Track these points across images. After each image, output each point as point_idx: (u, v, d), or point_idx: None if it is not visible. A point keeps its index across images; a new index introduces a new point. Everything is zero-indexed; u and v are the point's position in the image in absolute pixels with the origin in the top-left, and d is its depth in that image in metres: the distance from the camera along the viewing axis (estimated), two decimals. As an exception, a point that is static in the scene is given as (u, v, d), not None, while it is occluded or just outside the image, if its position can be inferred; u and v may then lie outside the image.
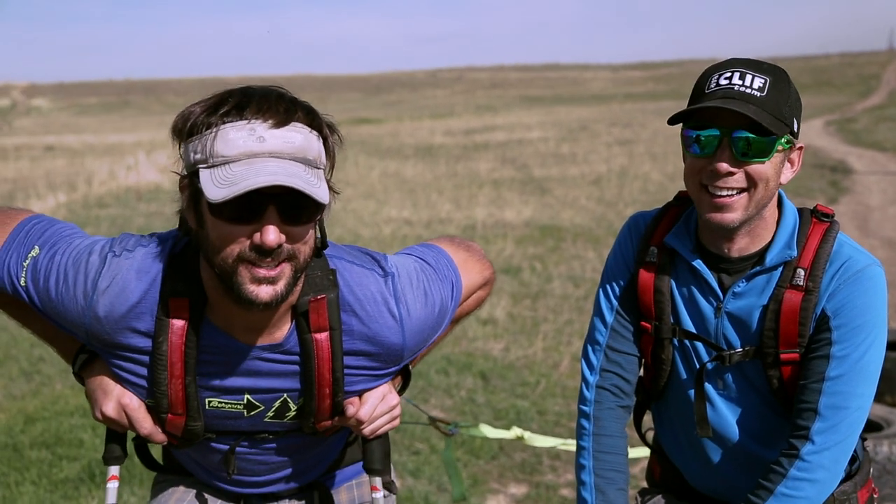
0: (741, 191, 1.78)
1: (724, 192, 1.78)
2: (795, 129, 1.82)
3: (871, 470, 2.05)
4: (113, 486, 1.86)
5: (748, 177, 1.77)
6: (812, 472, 1.79)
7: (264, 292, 1.55)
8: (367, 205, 13.63)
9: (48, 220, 1.79)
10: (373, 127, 34.38)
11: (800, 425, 1.82)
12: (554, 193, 14.39)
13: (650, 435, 2.22)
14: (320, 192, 1.52)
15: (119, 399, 1.73)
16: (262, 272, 1.54)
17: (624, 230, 2.06)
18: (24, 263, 1.69)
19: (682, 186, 2.00)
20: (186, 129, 1.55)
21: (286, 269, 1.57)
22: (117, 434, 1.87)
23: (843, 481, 1.90)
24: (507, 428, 3.22)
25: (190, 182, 1.57)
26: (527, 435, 3.11)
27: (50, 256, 1.68)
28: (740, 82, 1.76)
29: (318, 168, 1.57)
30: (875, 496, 2.03)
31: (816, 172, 15.73)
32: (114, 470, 1.87)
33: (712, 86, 1.78)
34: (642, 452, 2.54)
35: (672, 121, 1.82)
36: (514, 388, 5.59)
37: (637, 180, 15.36)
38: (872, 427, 4.19)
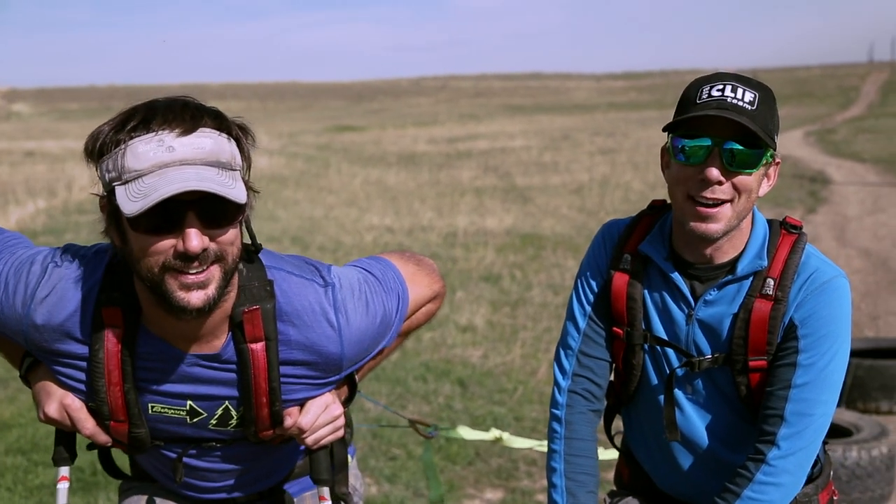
0: (725, 202, 1.82)
1: (710, 202, 1.81)
2: (776, 145, 1.87)
3: (832, 473, 2.10)
4: (63, 486, 1.88)
5: (734, 188, 1.81)
6: (777, 476, 1.84)
7: (196, 298, 1.56)
8: (350, 212, 13.63)
9: None
10: (356, 134, 34.39)
11: (766, 431, 1.86)
12: (535, 202, 14.45)
13: (619, 438, 2.26)
14: (235, 193, 1.53)
15: (61, 400, 1.75)
16: (191, 278, 1.56)
17: (598, 237, 2.09)
18: None
19: (661, 196, 2.04)
20: (97, 150, 1.56)
21: (215, 272, 1.58)
22: (65, 435, 1.89)
23: (805, 484, 1.95)
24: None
25: (108, 201, 1.59)
26: (505, 436, 3.15)
27: None
28: (732, 94, 1.80)
29: (234, 169, 1.58)
30: (835, 498, 2.08)
31: (796, 182, 15.88)
32: (63, 471, 1.89)
33: (704, 97, 1.82)
34: (613, 454, 2.58)
35: (668, 128, 1.86)
36: (492, 394, 5.62)
37: (619, 189, 15.45)
38: (842, 433, 4.25)
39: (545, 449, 3.34)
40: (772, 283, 1.86)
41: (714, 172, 1.79)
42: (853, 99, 51.03)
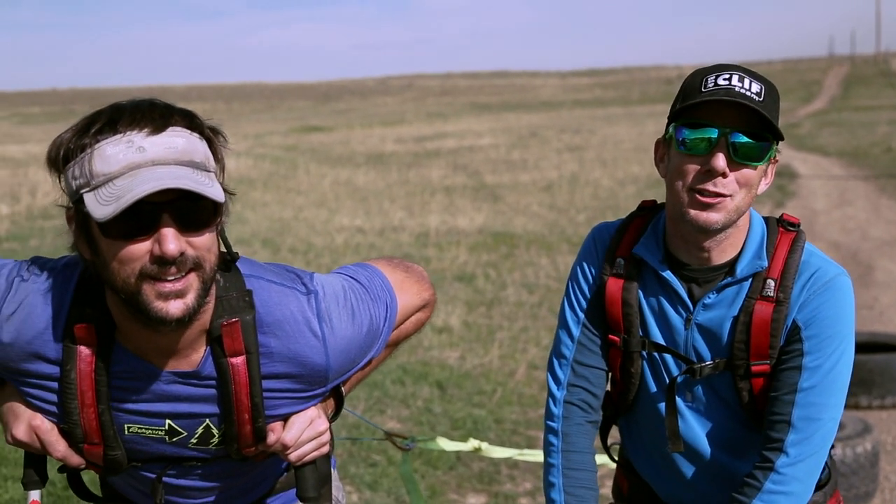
0: (726, 196, 1.75)
1: (712, 195, 1.74)
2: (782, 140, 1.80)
3: (837, 478, 2.05)
4: None
5: (737, 182, 1.74)
6: (787, 484, 1.78)
7: (174, 307, 1.47)
8: (319, 213, 13.52)
9: None
10: (323, 135, 34.18)
11: (773, 437, 1.80)
12: (506, 200, 14.43)
13: (615, 450, 2.20)
14: (214, 192, 1.45)
15: (30, 422, 1.65)
16: (168, 286, 1.46)
17: (588, 241, 2.02)
18: None
19: (631, 193, 1.97)
20: (61, 157, 1.47)
21: (193, 282, 1.49)
22: (35, 458, 1.78)
23: (813, 491, 1.90)
24: (465, 438, 3.18)
25: (76, 211, 1.49)
26: (484, 446, 3.08)
27: None
28: (740, 84, 1.72)
29: (209, 171, 1.50)
30: None
31: (763, 177, 16.02)
32: (34, 495, 1.78)
33: (710, 85, 1.74)
34: (606, 460, 2.52)
35: (673, 116, 1.78)
36: (471, 397, 5.56)
37: (588, 186, 15.47)
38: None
39: (525, 458, 3.28)
40: (772, 284, 1.80)
41: (721, 162, 1.71)
42: (815, 93, 51.77)
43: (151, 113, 1.46)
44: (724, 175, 1.73)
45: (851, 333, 1.81)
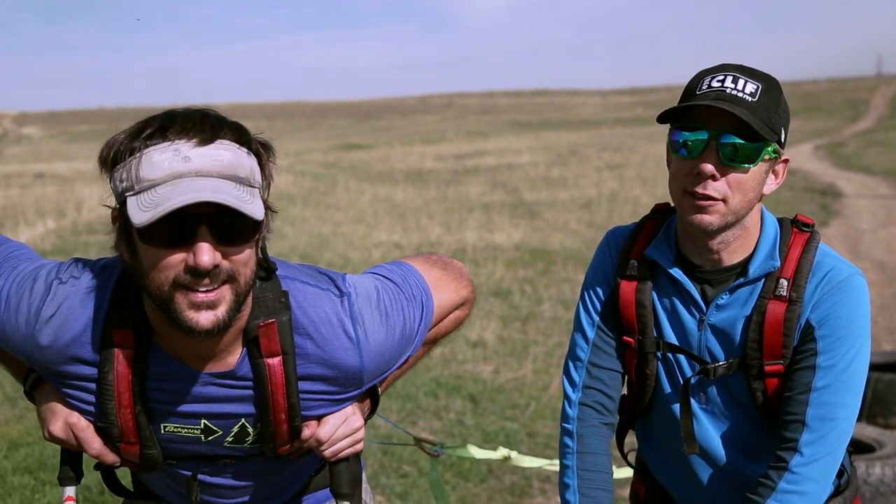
0: (717, 200, 1.75)
1: (702, 197, 1.75)
2: (783, 140, 1.80)
3: (859, 486, 2.02)
4: None
5: (729, 184, 1.75)
6: (802, 484, 1.77)
7: (205, 319, 1.48)
8: (357, 229, 13.61)
9: None
10: (363, 152, 34.45)
11: (787, 437, 1.79)
12: (544, 217, 14.40)
13: (632, 456, 2.19)
14: (253, 209, 1.45)
15: (66, 419, 1.68)
16: (200, 297, 1.47)
17: (602, 245, 2.03)
18: None
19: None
20: (111, 158, 1.50)
21: (226, 294, 1.50)
22: (71, 455, 1.82)
23: (832, 496, 1.88)
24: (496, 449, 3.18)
25: (120, 213, 1.51)
26: (514, 455, 3.08)
27: None
28: (733, 86, 1.73)
29: (252, 186, 1.50)
30: None
31: (807, 196, 15.81)
32: (69, 491, 1.82)
33: (703, 87, 1.76)
34: (627, 472, 2.51)
35: (661, 118, 1.80)
36: (504, 410, 5.55)
37: (627, 204, 15.40)
38: (865, 448, 4.16)
39: (556, 468, 3.27)
40: (785, 283, 1.80)
41: (707, 167, 1.73)
42: (862, 112, 50.94)
43: (202, 124, 1.48)
44: (714, 178, 1.74)
45: (866, 333, 1.80)
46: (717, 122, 1.73)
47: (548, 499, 4.40)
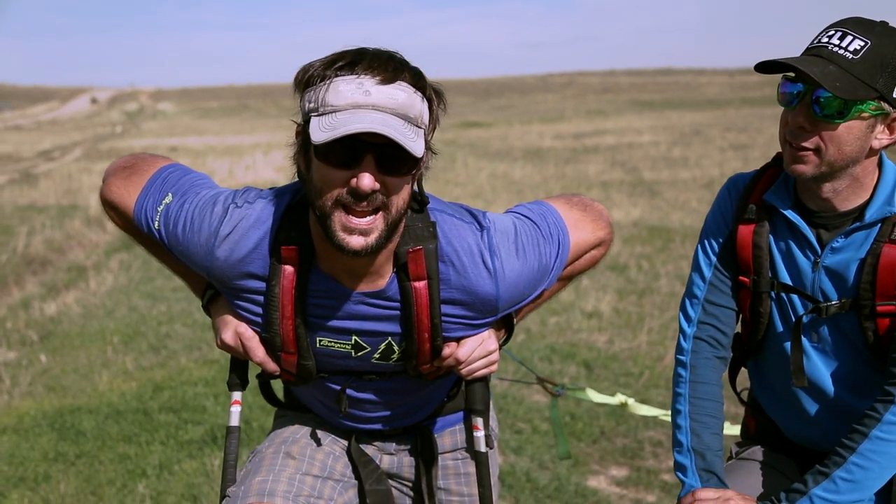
0: (809, 150, 1.84)
1: (796, 147, 1.85)
2: (894, 97, 1.82)
3: None
4: (236, 409, 2.05)
5: (822, 137, 1.83)
6: None
7: (355, 241, 1.67)
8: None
9: (182, 169, 1.98)
10: (482, 130, 34.59)
11: (895, 373, 1.86)
12: (664, 196, 14.24)
13: (745, 394, 2.28)
14: (415, 146, 1.62)
15: (236, 329, 1.90)
16: (354, 222, 1.66)
17: (723, 190, 2.13)
18: (159, 209, 1.89)
19: None
20: (304, 80, 1.69)
21: (378, 223, 1.68)
22: (239, 363, 2.05)
23: None
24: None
25: (303, 129, 1.71)
26: (630, 402, 3.18)
27: (180, 205, 1.87)
28: (837, 42, 1.80)
29: (419, 127, 1.68)
30: None
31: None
32: (236, 395, 2.05)
33: (815, 42, 1.85)
34: (735, 430, 2.58)
35: (759, 67, 1.87)
36: (618, 377, 5.63)
37: (750, 184, 15.02)
38: None
39: (669, 419, 3.34)
40: None
41: (798, 120, 1.83)
42: None
43: (386, 64, 1.66)
44: (805, 129, 1.83)
45: None
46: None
47: (660, 462, 4.47)
